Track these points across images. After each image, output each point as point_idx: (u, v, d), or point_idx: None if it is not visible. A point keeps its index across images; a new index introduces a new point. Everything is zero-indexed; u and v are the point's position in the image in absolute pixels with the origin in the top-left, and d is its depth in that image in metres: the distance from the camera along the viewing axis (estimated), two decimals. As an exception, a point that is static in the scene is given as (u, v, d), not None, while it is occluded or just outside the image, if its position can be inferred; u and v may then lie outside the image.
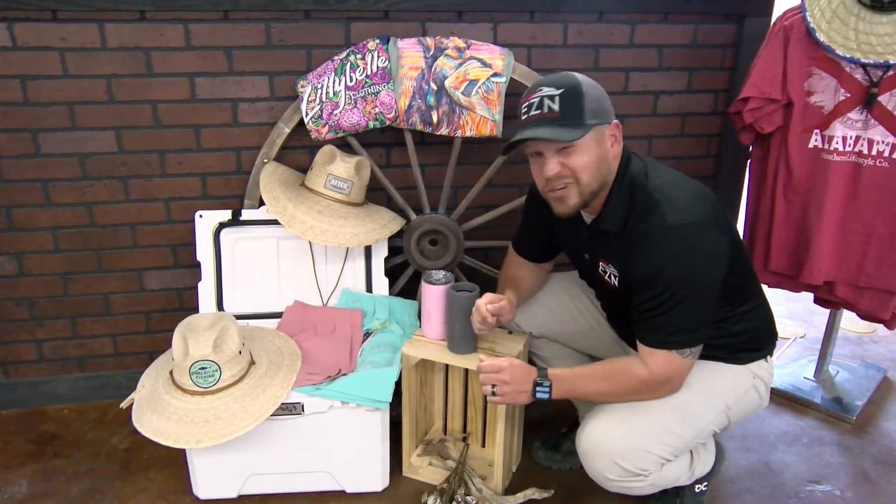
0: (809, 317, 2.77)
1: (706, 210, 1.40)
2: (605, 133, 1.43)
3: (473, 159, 2.12)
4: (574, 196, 1.44)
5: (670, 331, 1.41)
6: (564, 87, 1.38)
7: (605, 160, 1.44)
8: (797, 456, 1.99)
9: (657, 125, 2.26)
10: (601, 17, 2.09)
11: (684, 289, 1.37)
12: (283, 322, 1.95)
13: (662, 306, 1.39)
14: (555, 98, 1.38)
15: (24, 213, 1.99)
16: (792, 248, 1.99)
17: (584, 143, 1.39)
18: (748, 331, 1.57)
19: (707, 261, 1.38)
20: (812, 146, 1.90)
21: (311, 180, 1.93)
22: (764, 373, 1.61)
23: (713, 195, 1.47)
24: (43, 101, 1.89)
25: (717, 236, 1.40)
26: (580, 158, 1.40)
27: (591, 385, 1.53)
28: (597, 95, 1.41)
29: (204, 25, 1.89)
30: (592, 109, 1.39)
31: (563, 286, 1.83)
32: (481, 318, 1.60)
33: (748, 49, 2.12)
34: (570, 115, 1.37)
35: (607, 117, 1.43)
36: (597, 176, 1.43)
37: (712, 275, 1.39)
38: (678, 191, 1.41)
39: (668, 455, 1.51)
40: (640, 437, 1.48)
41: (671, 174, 1.48)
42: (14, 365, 2.16)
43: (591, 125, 1.38)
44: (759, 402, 1.63)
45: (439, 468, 1.86)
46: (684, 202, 1.39)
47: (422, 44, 1.93)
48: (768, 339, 1.63)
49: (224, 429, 1.57)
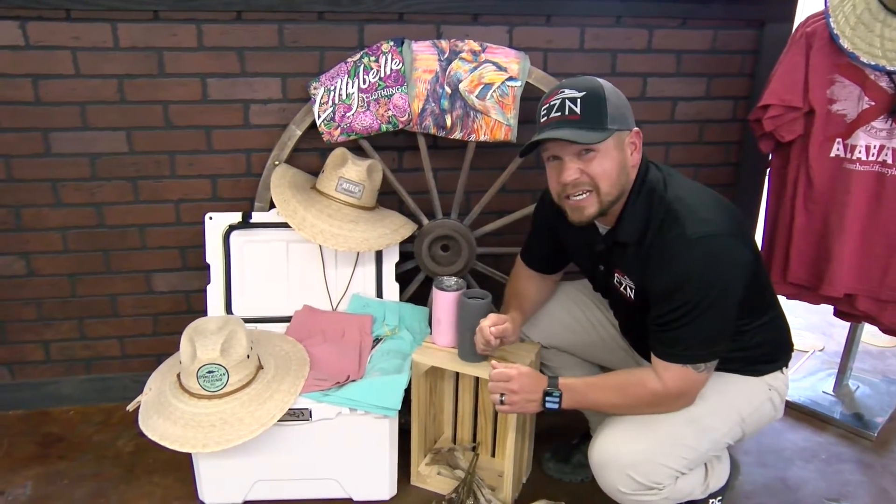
0: (829, 329, 2.74)
1: (728, 221, 1.39)
2: (625, 140, 1.41)
3: (487, 164, 2.11)
4: (593, 205, 1.42)
5: (687, 345, 1.39)
6: (587, 91, 1.37)
7: (625, 168, 1.42)
8: (815, 473, 1.96)
9: (675, 132, 2.24)
10: (619, 22, 2.08)
11: (705, 302, 1.35)
12: (291, 326, 1.95)
13: (681, 320, 1.37)
14: (576, 101, 1.36)
15: (34, 213, 2.00)
16: (812, 259, 1.97)
17: (605, 148, 1.37)
18: (765, 343, 1.55)
19: (729, 274, 1.36)
20: (834, 155, 1.88)
21: (322, 183, 1.93)
22: (779, 384, 1.59)
23: (733, 206, 1.46)
24: (54, 101, 1.90)
25: (740, 248, 1.38)
26: (600, 165, 1.38)
27: (602, 396, 1.51)
28: (618, 101, 1.40)
29: (217, 26, 1.90)
30: (614, 115, 1.37)
31: (573, 295, 1.81)
32: (485, 341, 1.59)
33: (768, 55, 2.10)
34: (591, 119, 1.36)
35: (628, 124, 1.42)
36: (616, 185, 1.41)
37: (733, 288, 1.38)
38: (699, 201, 1.40)
39: (682, 468, 1.49)
40: (654, 449, 1.46)
41: (690, 184, 1.46)
42: (20, 365, 2.17)
43: (612, 130, 1.37)
44: (774, 414, 1.61)
45: (448, 478, 1.85)
46: (706, 213, 1.37)
47: (436, 46, 1.93)
48: (784, 351, 1.61)
49: (231, 434, 1.57)
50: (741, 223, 1.43)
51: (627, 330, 1.70)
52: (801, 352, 2.55)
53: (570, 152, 1.38)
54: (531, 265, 1.78)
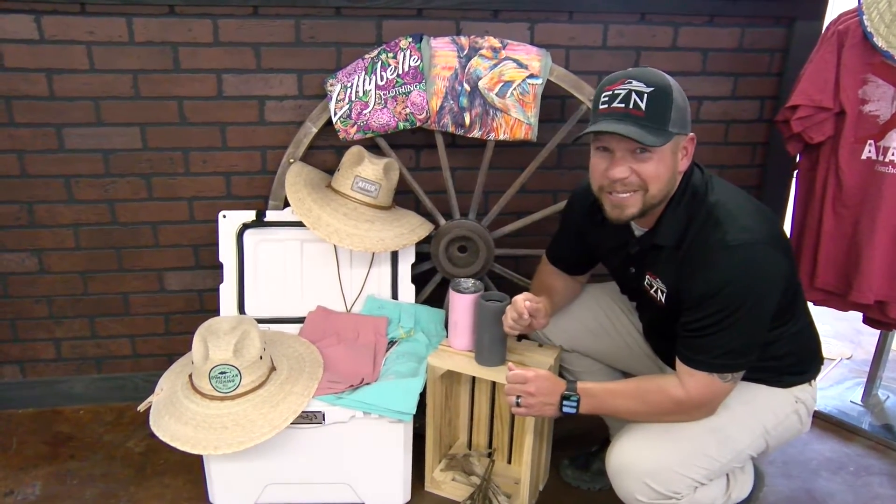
0: (857, 337, 2.71)
1: (768, 229, 1.37)
2: (681, 144, 1.39)
3: (506, 163, 2.10)
4: (636, 205, 1.39)
5: (717, 353, 1.38)
6: (655, 87, 1.33)
7: (675, 173, 1.41)
8: (843, 485, 1.93)
9: (700, 132, 2.17)
10: (643, 18, 2.06)
11: (740, 311, 1.34)
12: (305, 328, 1.95)
13: (713, 327, 1.36)
14: (643, 95, 1.32)
15: (46, 209, 2.02)
16: (841, 265, 1.95)
17: (662, 151, 1.35)
18: (793, 353, 1.53)
19: (766, 283, 1.35)
20: (865, 157, 1.86)
21: (337, 182, 1.93)
22: (807, 397, 1.57)
23: (773, 214, 1.45)
24: (68, 96, 1.92)
25: (779, 257, 1.36)
26: (654, 168, 1.35)
27: (621, 402, 1.50)
28: (683, 103, 1.37)
29: (233, 21, 1.90)
30: (677, 118, 1.34)
31: (600, 299, 1.80)
32: (517, 314, 1.57)
33: (798, 54, 2.08)
34: (655, 118, 1.32)
35: (687, 128, 1.39)
36: (665, 189, 1.39)
37: (769, 298, 1.36)
38: (740, 208, 1.38)
39: (701, 478, 1.48)
40: (673, 458, 1.45)
41: (732, 189, 1.45)
42: (31, 363, 2.19)
43: (673, 133, 1.34)
44: (800, 428, 1.59)
45: (463, 484, 1.85)
46: (747, 220, 1.36)
47: (456, 43, 1.93)
48: (813, 363, 1.59)
49: (243, 436, 1.57)
50: (780, 231, 1.42)
51: (651, 334, 1.68)
52: (829, 360, 2.52)
53: (624, 148, 1.35)
54: (557, 264, 1.78)
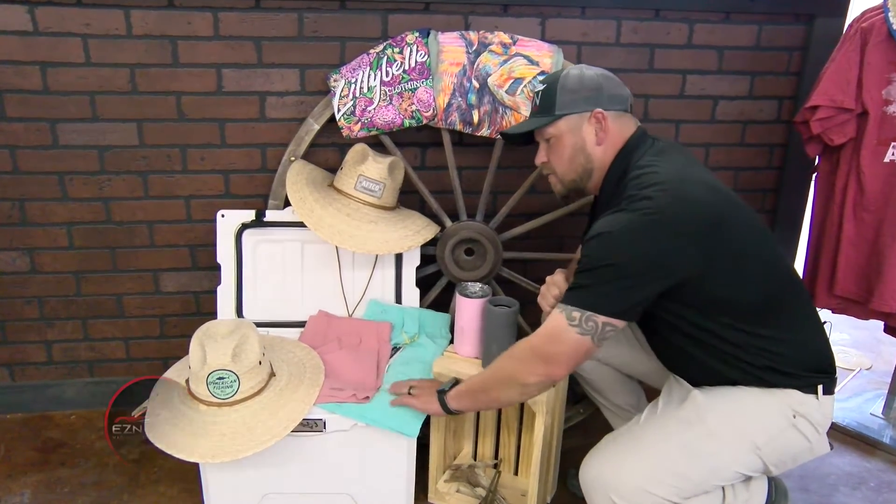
0: (877, 346, 2.69)
1: (675, 210, 1.32)
2: (581, 123, 1.50)
3: (516, 163, 2.10)
4: (557, 184, 1.59)
5: (569, 289, 1.39)
6: (548, 83, 1.53)
7: (582, 150, 1.51)
8: (863, 501, 1.92)
9: (715, 132, 2.22)
10: (658, 15, 2.06)
11: (601, 263, 1.33)
12: (305, 332, 1.94)
13: (579, 274, 1.37)
14: (539, 93, 1.55)
15: (39, 207, 2.01)
16: (861, 271, 1.94)
17: (559, 133, 1.52)
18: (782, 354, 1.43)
19: (633, 253, 1.32)
20: (889, 160, 1.85)
21: (340, 181, 1.92)
22: (809, 410, 1.46)
23: (725, 190, 1.42)
24: (63, 90, 1.91)
25: (667, 237, 1.32)
26: (554, 150, 1.55)
27: (480, 377, 1.56)
28: (577, 86, 1.49)
29: (234, 14, 1.90)
30: (565, 100, 1.49)
31: None
32: (558, 293, 1.57)
33: (818, 52, 2.08)
34: (544, 109, 1.53)
35: (585, 106, 1.49)
36: (571, 166, 1.53)
37: (637, 270, 1.32)
38: (670, 171, 1.38)
39: (672, 497, 1.42)
40: (641, 475, 1.41)
41: (672, 165, 1.42)
42: (21, 367, 2.19)
43: (560, 115, 1.50)
44: (807, 445, 1.49)
45: (468, 496, 1.84)
46: (659, 201, 1.33)
47: (464, 38, 1.92)
48: (805, 368, 1.46)
49: (241, 444, 1.56)
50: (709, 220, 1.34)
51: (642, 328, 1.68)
52: (847, 370, 2.50)
53: (540, 138, 1.58)
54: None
